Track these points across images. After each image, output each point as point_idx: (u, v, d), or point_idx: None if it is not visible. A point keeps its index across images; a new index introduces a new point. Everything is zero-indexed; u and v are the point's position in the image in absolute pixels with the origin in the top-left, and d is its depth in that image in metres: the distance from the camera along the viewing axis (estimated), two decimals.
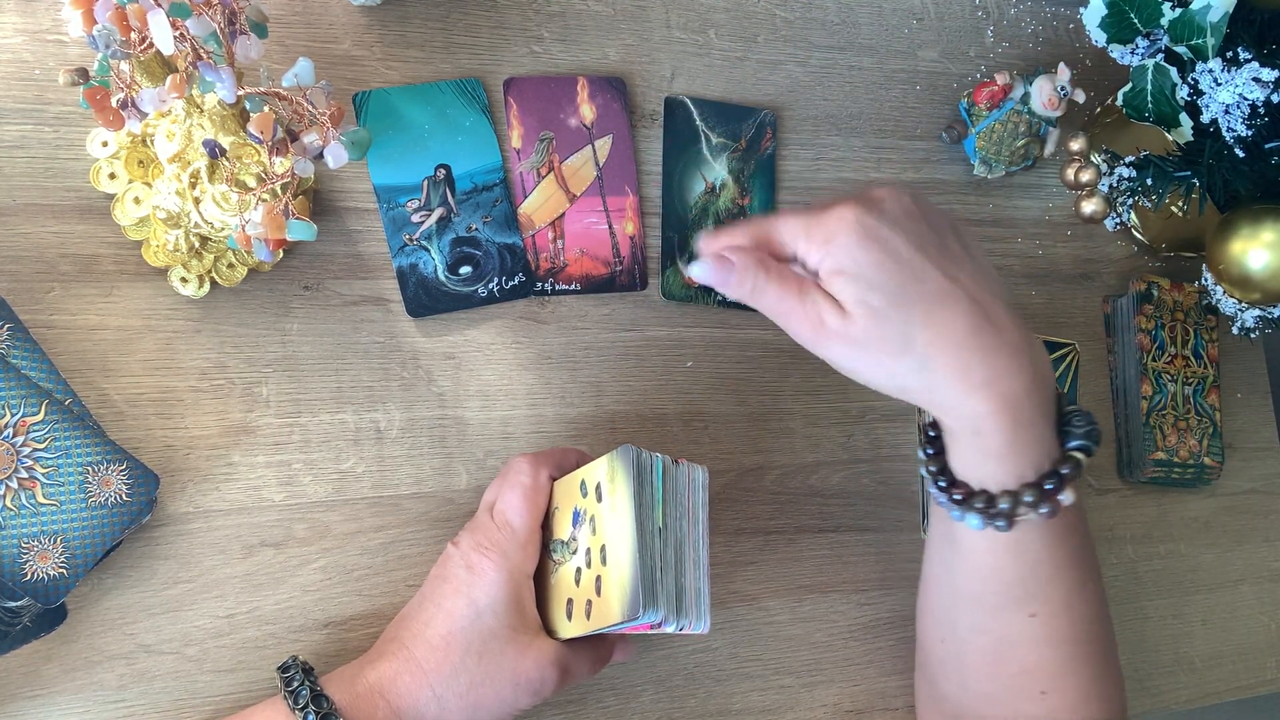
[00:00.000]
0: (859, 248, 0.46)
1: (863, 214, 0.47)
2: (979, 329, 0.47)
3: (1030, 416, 0.48)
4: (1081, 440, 0.50)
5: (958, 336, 0.47)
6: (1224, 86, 0.65)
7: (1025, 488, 0.49)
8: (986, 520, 0.50)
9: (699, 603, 0.51)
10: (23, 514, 0.51)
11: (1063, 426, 0.50)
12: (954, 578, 0.56)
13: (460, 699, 0.52)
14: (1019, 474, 0.49)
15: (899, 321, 0.46)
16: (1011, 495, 0.49)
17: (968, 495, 0.50)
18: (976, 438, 0.48)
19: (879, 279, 0.46)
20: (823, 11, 0.77)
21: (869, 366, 0.48)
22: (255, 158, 0.54)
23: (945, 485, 0.51)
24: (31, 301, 0.56)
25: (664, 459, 0.52)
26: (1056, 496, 0.49)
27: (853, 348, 0.47)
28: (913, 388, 0.48)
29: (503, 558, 0.54)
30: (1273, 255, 0.68)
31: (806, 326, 0.47)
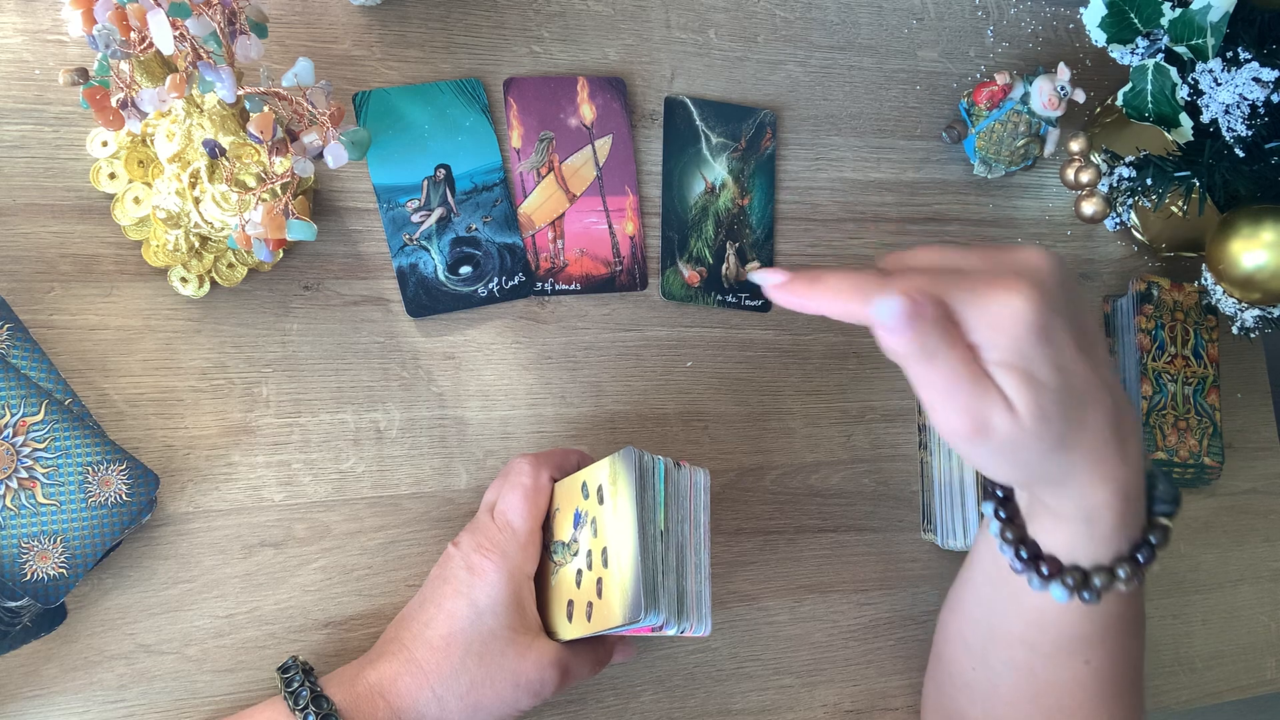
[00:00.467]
0: (1037, 345, 0.40)
1: (1039, 305, 0.40)
2: (1117, 424, 0.44)
3: (1137, 497, 0.47)
4: (1168, 506, 0.49)
5: (1103, 434, 0.44)
6: (1224, 86, 0.65)
7: (1120, 562, 0.47)
8: (1072, 594, 0.48)
9: (700, 605, 0.51)
10: (23, 514, 0.51)
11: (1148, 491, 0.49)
12: (1005, 622, 0.54)
13: (461, 700, 0.52)
14: (1116, 551, 0.47)
15: (1060, 423, 0.42)
16: (1107, 572, 0.47)
17: (1056, 570, 0.48)
18: (1088, 522, 0.46)
19: (1054, 382, 0.41)
20: (823, 11, 0.77)
21: (1010, 465, 0.44)
22: (255, 158, 0.54)
23: (1029, 558, 0.48)
24: (31, 301, 0.56)
25: (666, 461, 0.52)
26: (1148, 569, 0.47)
27: (1004, 450, 0.42)
28: (1042, 482, 0.45)
29: (503, 559, 0.54)
30: (1273, 255, 0.68)
31: (966, 421, 0.40)
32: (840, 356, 0.72)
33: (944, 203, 0.78)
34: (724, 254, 0.70)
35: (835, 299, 0.40)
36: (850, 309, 0.40)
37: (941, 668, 0.63)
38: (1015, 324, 0.40)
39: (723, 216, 0.71)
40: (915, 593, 0.71)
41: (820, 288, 0.41)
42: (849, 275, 0.40)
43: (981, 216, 0.79)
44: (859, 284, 0.40)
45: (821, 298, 0.41)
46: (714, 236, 0.70)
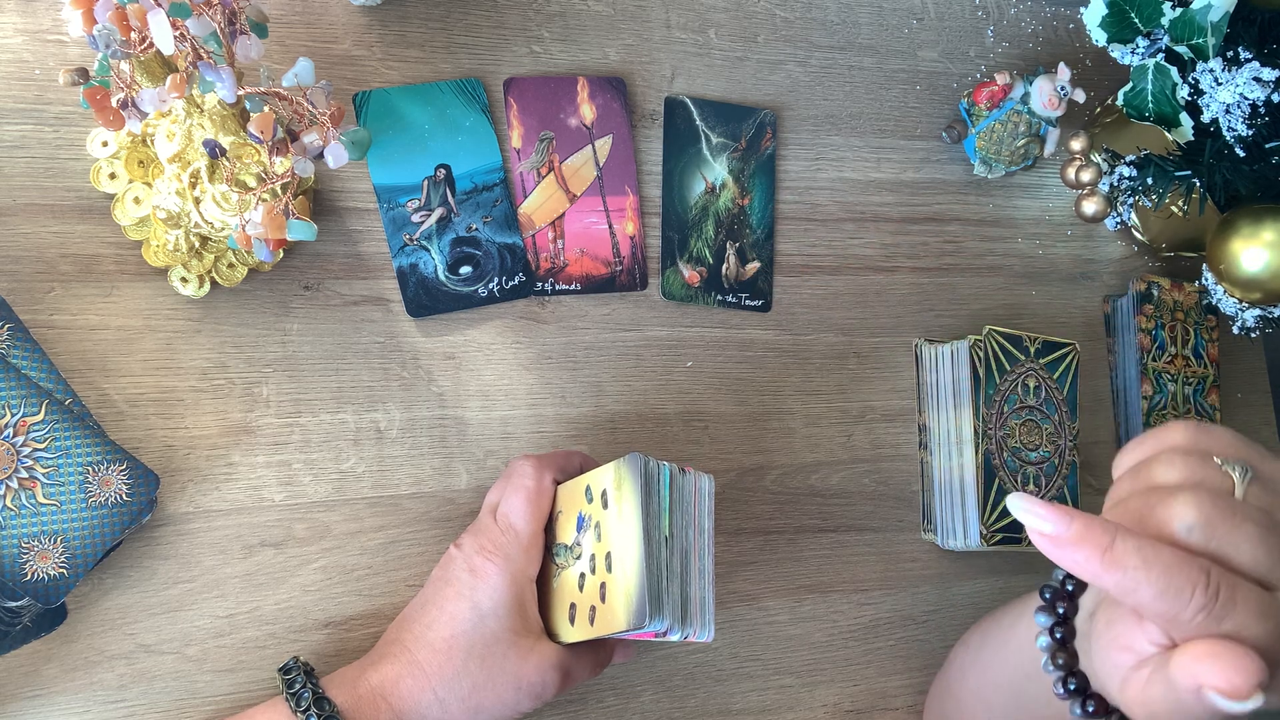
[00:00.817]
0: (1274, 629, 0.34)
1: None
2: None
3: None
4: None
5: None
6: (1224, 86, 0.65)
7: None
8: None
9: (703, 611, 0.51)
10: (23, 514, 0.51)
11: None
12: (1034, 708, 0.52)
13: (462, 702, 0.52)
14: None
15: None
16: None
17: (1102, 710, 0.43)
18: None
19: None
20: (823, 11, 0.77)
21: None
22: (255, 158, 0.54)
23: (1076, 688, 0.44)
24: (31, 301, 0.56)
25: (671, 467, 0.52)
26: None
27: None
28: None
29: (506, 561, 0.54)
30: (1273, 255, 0.68)
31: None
32: (840, 356, 0.72)
33: (944, 203, 0.78)
34: (724, 254, 0.70)
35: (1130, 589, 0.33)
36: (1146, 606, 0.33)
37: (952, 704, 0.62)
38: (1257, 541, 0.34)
39: (723, 216, 0.71)
40: (915, 593, 0.71)
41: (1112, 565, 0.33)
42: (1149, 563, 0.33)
43: (981, 216, 0.79)
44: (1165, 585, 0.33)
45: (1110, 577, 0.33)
46: (714, 236, 0.70)
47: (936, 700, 0.65)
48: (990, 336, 0.73)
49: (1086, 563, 0.33)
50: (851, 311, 0.73)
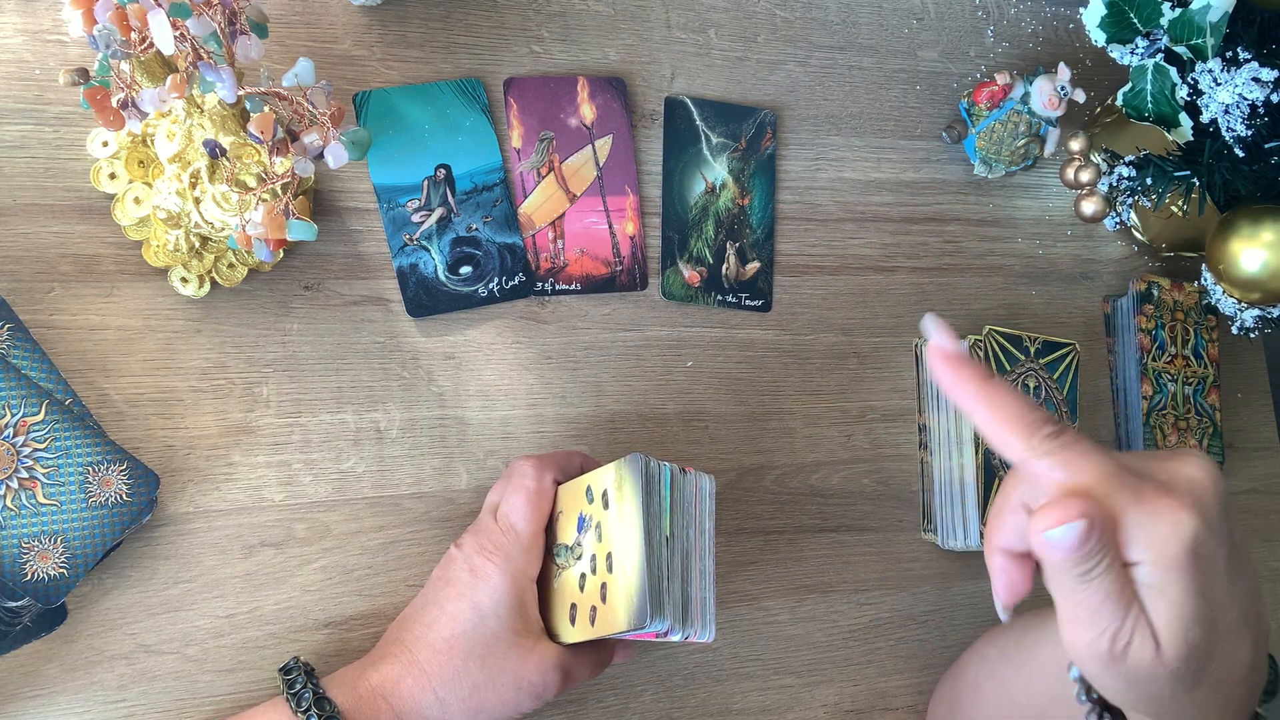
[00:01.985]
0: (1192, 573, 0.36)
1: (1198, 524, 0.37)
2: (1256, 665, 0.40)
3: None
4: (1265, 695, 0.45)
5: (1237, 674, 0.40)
6: (1224, 86, 0.65)
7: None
8: None
9: (704, 612, 0.51)
10: (23, 514, 0.51)
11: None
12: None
13: (463, 702, 0.52)
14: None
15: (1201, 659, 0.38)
16: None
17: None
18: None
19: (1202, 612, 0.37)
20: (823, 11, 0.77)
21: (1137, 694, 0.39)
22: (255, 158, 0.54)
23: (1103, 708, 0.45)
24: (31, 301, 0.56)
25: (672, 468, 0.52)
26: None
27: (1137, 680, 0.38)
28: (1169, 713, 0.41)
29: (506, 561, 0.54)
30: (1273, 255, 0.68)
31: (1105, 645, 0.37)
32: (840, 356, 0.72)
33: (944, 203, 0.78)
34: (724, 254, 0.70)
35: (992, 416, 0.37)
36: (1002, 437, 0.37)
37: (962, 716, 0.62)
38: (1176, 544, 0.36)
39: (723, 216, 0.71)
40: (915, 593, 0.71)
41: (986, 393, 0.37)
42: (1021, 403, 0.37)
43: (981, 216, 0.79)
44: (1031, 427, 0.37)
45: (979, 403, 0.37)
46: (714, 236, 0.70)
47: (944, 707, 0.65)
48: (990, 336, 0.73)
49: (970, 380, 0.38)
50: (851, 311, 0.73)
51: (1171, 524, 0.36)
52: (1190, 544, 0.36)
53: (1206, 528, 0.37)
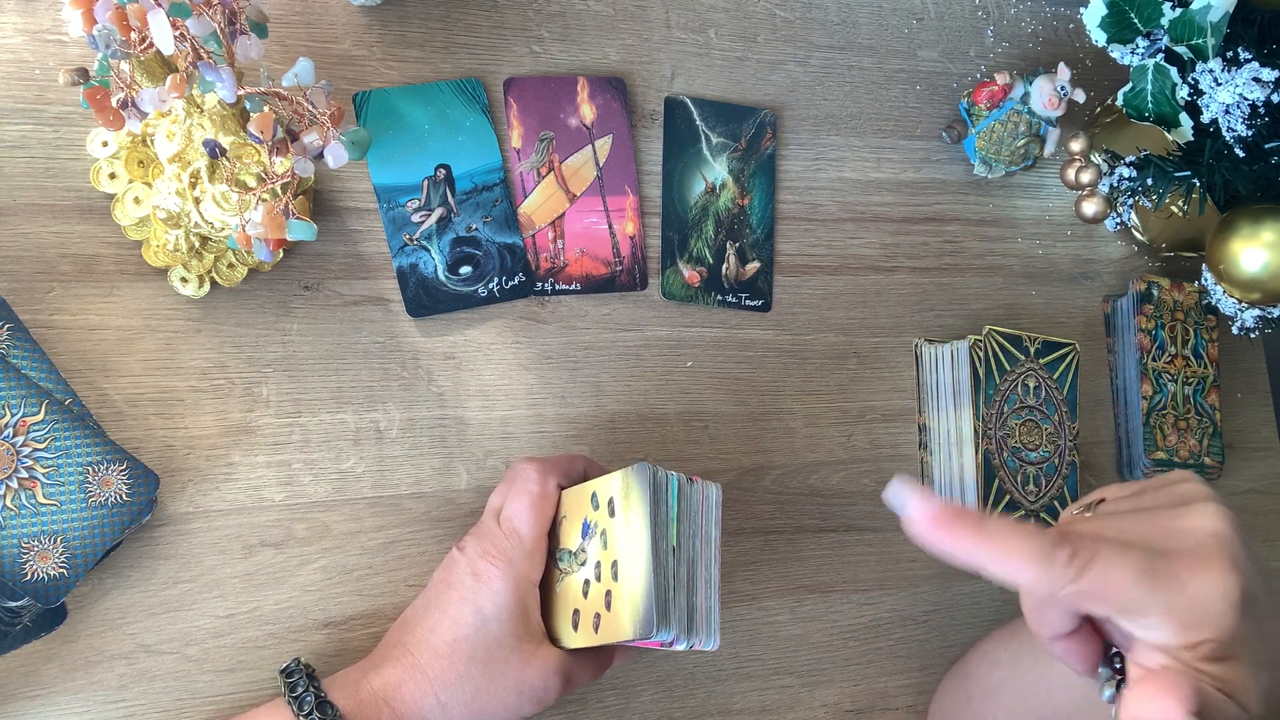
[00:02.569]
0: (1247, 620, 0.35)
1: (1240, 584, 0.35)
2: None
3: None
4: None
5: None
6: (1224, 86, 0.65)
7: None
8: None
9: (709, 621, 0.51)
10: (23, 514, 0.51)
11: None
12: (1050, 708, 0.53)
13: (465, 706, 0.52)
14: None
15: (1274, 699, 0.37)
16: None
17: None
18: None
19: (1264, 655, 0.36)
20: (823, 11, 0.77)
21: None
22: (255, 158, 0.54)
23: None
24: (31, 301, 0.56)
25: (679, 477, 0.52)
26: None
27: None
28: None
29: (509, 566, 0.54)
30: (1273, 255, 0.68)
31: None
32: (840, 356, 0.72)
33: (944, 203, 0.78)
34: (724, 254, 0.70)
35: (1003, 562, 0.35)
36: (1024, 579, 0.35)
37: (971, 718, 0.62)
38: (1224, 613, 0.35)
39: (723, 216, 0.71)
40: (915, 593, 0.71)
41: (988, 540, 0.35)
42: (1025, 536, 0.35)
43: (981, 216, 0.79)
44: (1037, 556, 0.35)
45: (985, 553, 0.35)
46: (714, 236, 0.70)
47: (951, 708, 0.65)
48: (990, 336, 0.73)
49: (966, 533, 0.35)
50: (851, 311, 0.73)
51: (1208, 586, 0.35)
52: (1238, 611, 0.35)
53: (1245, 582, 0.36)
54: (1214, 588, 0.35)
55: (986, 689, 0.62)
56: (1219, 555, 0.36)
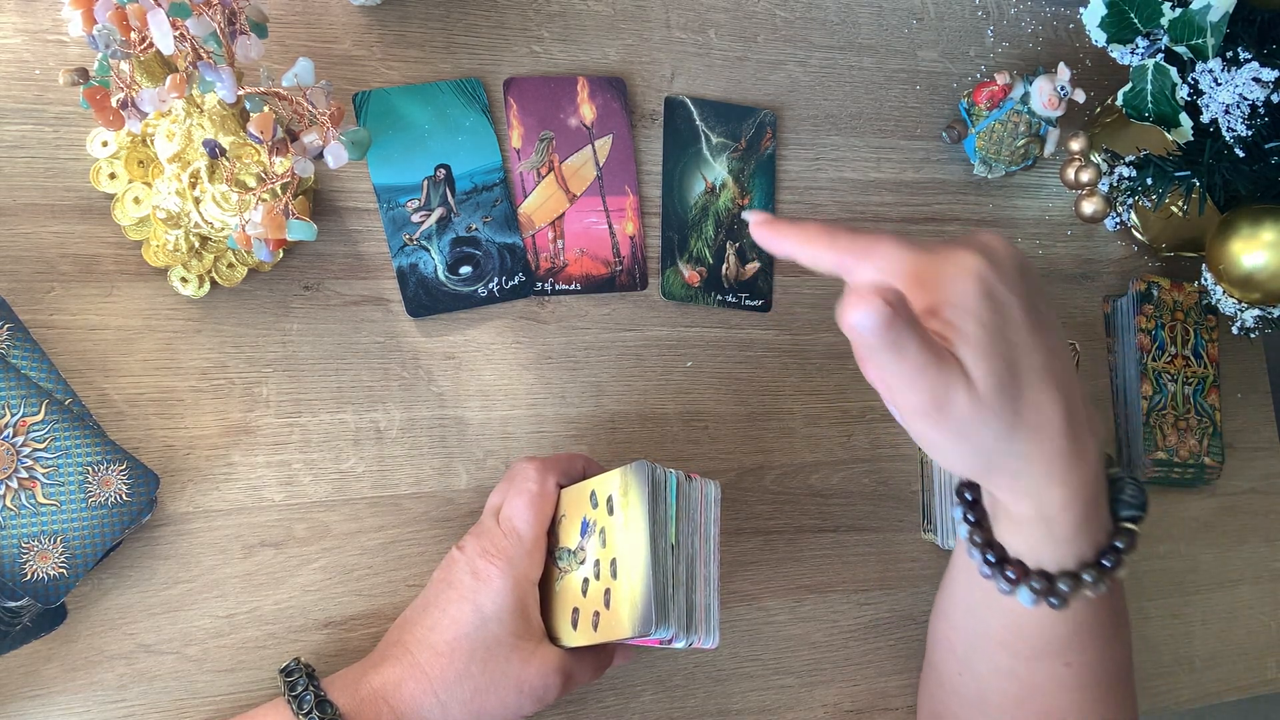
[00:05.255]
0: (986, 304, 0.41)
1: (985, 267, 0.41)
2: (1071, 414, 0.44)
3: (1097, 498, 0.46)
4: (1135, 510, 0.48)
5: (1055, 424, 0.43)
6: (1224, 86, 0.65)
7: (1085, 567, 0.47)
8: (1039, 599, 0.47)
9: (708, 618, 0.51)
10: (23, 514, 0.51)
11: (1114, 494, 0.48)
12: (984, 626, 0.54)
13: (464, 706, 0.52)
14: (1079, 555, 0.47)
15: (1015, 399, 0.42)
16: (1071, 577, 0.46)
17: (1022, 574, 0.47)
18: (1046, 523, 0.45)
19: (1003, 346, 0.41)
20: (823, 11, 0.77)
21: (968, 446, 0.43)
22: (255, 158, 0.54)
23: (995, 561, 0.48)
24: (31, 301, 0.56)
25: (678, 475, 0.52)
26: (1115, 574, 0.47)
27: (963, 429, 0.41)
28: (998, 470, 0.44)
29: (509, 565, 0.54)
30: (1273, 255, 0.68)
31: (928, 401, 0.40)
32: (840, 356, 0.72)
33: (944, 203, 0.78)
34: (724, 254, 0.70)
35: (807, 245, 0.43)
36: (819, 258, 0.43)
37: (932, 673, 0.63)
38: (963, 285, 0.41)
39: (723, 216, 0.71)
40: (915, 593, 0.71)
41: (797, 232, 0.43)
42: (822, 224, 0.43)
43: (981, 216, 0.79)
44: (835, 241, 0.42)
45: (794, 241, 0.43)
46: (714, 236, 0.70)
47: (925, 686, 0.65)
48: None
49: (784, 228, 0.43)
50: None
51: (961, 266, 0.41)
52: (978, 281, 0.41)
53: (994, 270, 0.41)
54: (959, 261, 0.41)
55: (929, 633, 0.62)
56: (974, 245, 0.42)
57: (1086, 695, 0.53)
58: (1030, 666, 0.53)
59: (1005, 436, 0.42)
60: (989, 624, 0.54)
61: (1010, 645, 0.53)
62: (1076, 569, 0.47)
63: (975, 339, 0.41)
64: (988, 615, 0.54)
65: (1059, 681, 0.53)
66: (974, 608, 0.55)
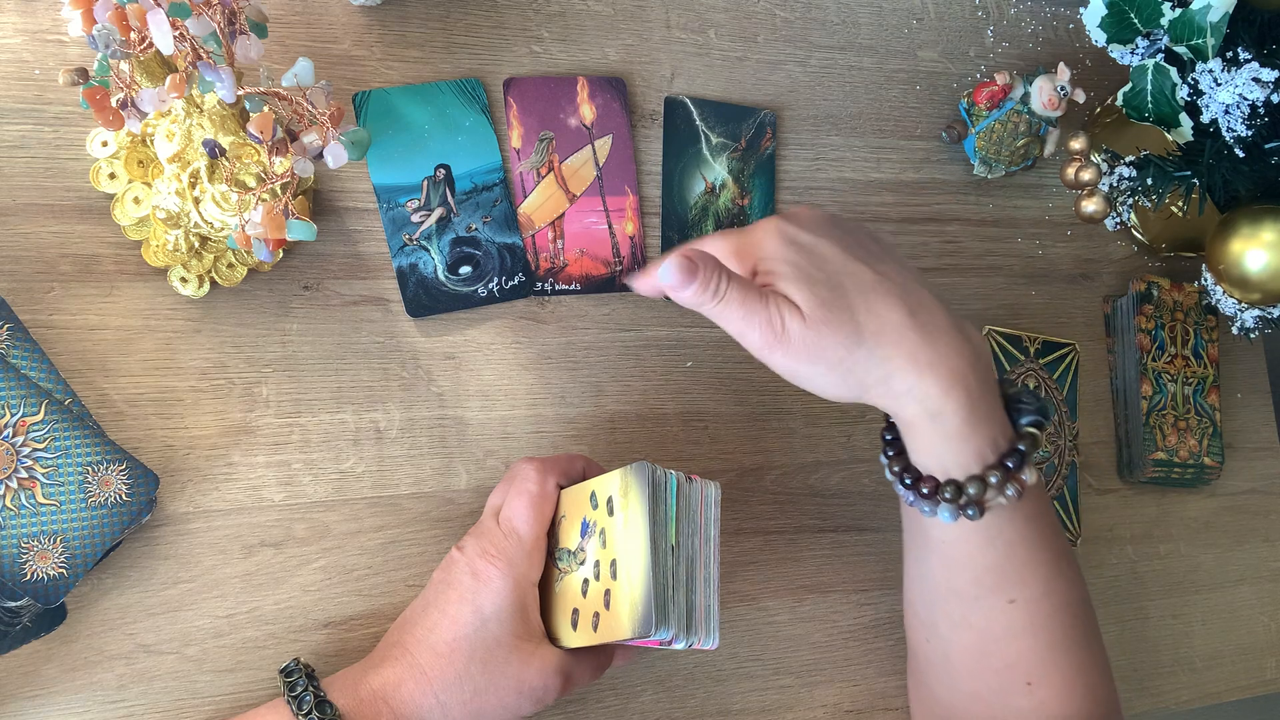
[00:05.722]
0: (790, 249, 0.49)
1: (783, 224, 0.50)
2: (914, 313, 0.49)
3: (980, 391, 0.50)
4: (1034, 415, 0.52)
5: (897, 321, 0.48)
6: (1224, 86, 0.65)
7: (989, 469, 0.50)
8: (957, 510, 0.51)
9: (708, 619, 0.51)
10: (23, 514, 0.51)
11: (1011, 406, 0.52)
12: (931, 573, 0.57)
13: (464, 706, 0.52)
14: (980, 454, 0.50)
15: (845, 311, 0.48)
16: (978, 479, 0.50)
17: (935, 488, 0.51)
18: (934, 421, 0.49)
19: (818, 274, 0.48)
20: (823, 11, 0.77)
21: (827, 367, 0.48)
22: (255, 158, 0.54)
23: (911, 482, 0.52)
24: (31, 301, 0.56)
25: (678, 476, 0.52)
26: (1020, 475, 0.50)
27: (810, 349, 0.48)
28: (869, 381, 0.49)
29: (509, 566, 0.54)
30: (1273, 255, 0.68)
31: (768, 332, 0.47)
32: None
33: (944, 203, 0.78)
34: None
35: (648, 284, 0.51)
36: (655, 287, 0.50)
37: (911, 657, 0.64)
38: (768, 237, 0.50)
39: (723, 216, 0.71)
40: None
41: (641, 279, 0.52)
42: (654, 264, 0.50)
43: (981, 216, 0.79)
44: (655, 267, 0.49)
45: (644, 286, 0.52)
46: None
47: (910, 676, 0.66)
48: (990, 336, 0.73)
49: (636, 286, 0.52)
50: None
51: (763, 230, 0.50)
52: (779, 234, 0.49)
53: (793, 224, 0.50)
54: (761, 227, 0.50)
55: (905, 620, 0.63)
56: (768, 218, 0.51)
57: (1040, 640, 0.55)
58: (978, 610, 0.55)
59: (851, 346, 0.48)
60: (932, 570, 0.56)
61: (955, 588, 0.55)
62: (981, 472, 0.50)
63: (786, 274, 0.48)
64: (930, 560, 0.56)
65: (1010, 625, 0.54)
66: (919, 558, 0.57)
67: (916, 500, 0.52)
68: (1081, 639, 0.56)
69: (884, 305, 0.48)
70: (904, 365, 0.48)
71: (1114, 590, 0.77)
